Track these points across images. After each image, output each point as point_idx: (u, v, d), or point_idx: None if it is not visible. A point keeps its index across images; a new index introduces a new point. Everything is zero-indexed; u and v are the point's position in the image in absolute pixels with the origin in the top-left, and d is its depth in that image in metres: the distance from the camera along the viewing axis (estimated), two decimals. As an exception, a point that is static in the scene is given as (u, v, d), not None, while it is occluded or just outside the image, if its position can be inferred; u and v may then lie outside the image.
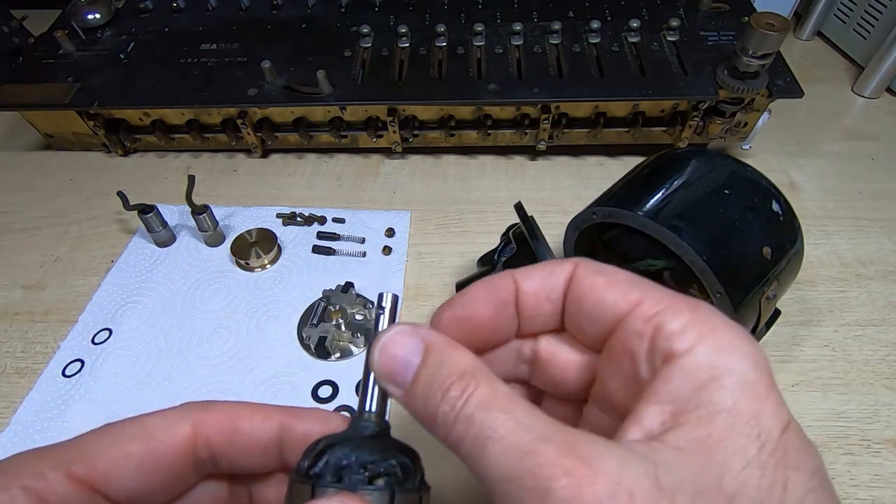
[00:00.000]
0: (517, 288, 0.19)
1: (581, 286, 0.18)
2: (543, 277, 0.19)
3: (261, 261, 0.44)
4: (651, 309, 0.16)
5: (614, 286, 0.18)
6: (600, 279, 0.18)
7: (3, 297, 0.43)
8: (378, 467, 0.16)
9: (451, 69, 0.49)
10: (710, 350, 0.15)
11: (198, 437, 0.18)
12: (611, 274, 0.18)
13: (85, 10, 0.55)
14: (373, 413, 0.18)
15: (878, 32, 0.58)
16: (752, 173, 0.32)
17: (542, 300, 0.19)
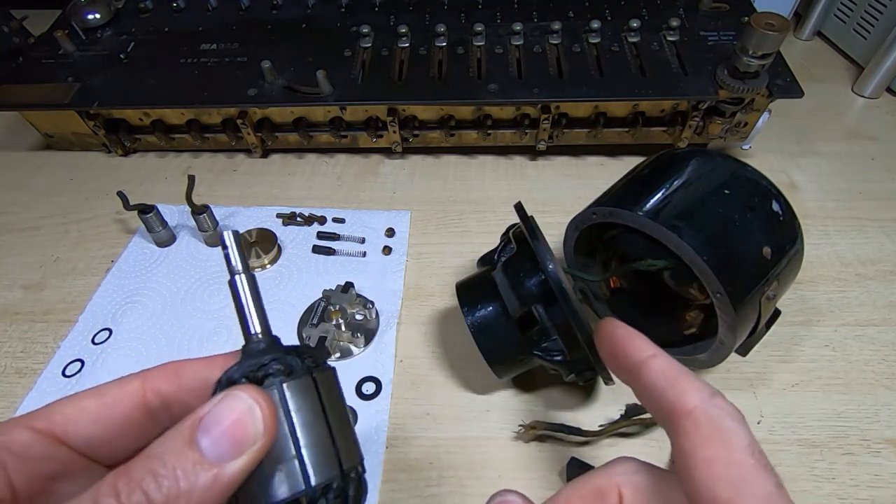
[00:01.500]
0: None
1: None
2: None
3: (261, 261, 0.44)
4: None
5: None
6: None
7: (3, 297, 0.43)
8: (259, 371, 0.17)
9: (451, 69, 0.49)
10: None
11: (147, 389, 0.19)
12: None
13: (85, 10, 0.55)
14: (258, 333, 0.18)
15: (878, 32, 0.58)
16: (752, 173, 0.32)
17: None
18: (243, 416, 0.16)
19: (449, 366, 0.38)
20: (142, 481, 0.14)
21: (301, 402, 0.18)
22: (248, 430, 0.16)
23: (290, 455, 0.17)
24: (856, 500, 0.32)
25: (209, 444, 0.15)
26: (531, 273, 0.31)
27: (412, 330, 0.40)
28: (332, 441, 0.18)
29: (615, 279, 0.40)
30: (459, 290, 0.34)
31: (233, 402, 0.16)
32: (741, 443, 0.17)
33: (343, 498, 0.18)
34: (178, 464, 0.15)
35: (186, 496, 0.15)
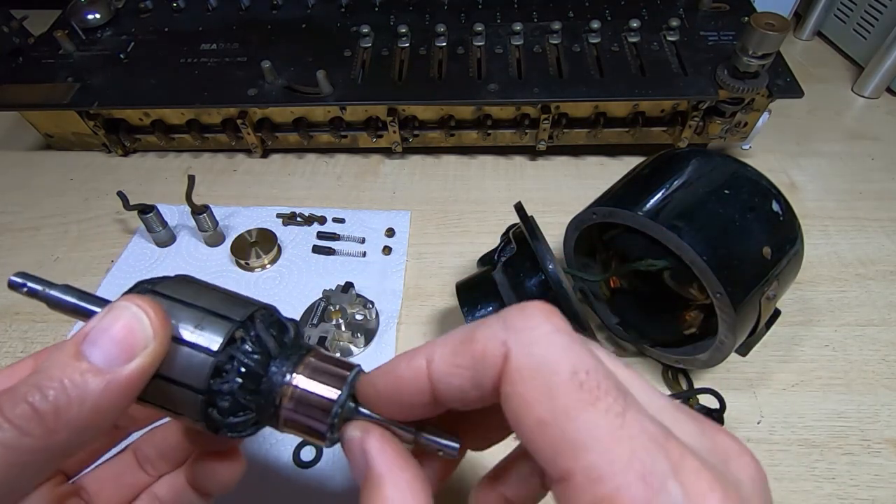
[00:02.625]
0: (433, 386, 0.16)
1: (507, 409, 0.14)
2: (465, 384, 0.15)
3: (261, 261, 0.44)
4: (581, 496, 0.13)
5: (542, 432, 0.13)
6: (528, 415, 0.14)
7: (3, 297, 0.43)
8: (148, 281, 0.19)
9: (451, 69, 0.49)
10: None
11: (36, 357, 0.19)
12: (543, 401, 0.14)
13: (85, 10, 0.55)
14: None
15: (878, 32, 0.58)
16: (752, 173, 0.32)
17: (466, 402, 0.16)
18: (130, 321, 0.16)
19: (449, 366, 0.38)
20: (26, 394, 0.14)
21: (183, 288, 0.19)
22: (138, 335, 0.16)
23: (202, 317, 0.18)
24: (856, 500, 0.32)
25: (98, 352, 0.15)
26: (531, 273, 0.31)
27: (412, 330, 0.40)
28: (234, 296, 0.19)
29: (615, 279, 0.40)
30: (459, 290, 0.34)
31: (118, 312, 0.16)
32: (563, 373, 0.14)
33: (274, 321, 0.19)
34: (65, 374, 0.15)
35: (78, 402, 0.15)
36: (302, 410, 0.18)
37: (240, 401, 0.17)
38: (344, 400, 0.18)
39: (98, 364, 0.15)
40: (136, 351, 0.16)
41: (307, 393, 0.18)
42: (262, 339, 0.18)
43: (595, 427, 0.13)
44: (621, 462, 0.12)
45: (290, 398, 0.18)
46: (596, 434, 0.13)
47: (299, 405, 0.18)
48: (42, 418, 0.14)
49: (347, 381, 0.18)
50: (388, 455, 0.17)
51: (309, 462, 0.33)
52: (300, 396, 0.18)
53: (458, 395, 0.16)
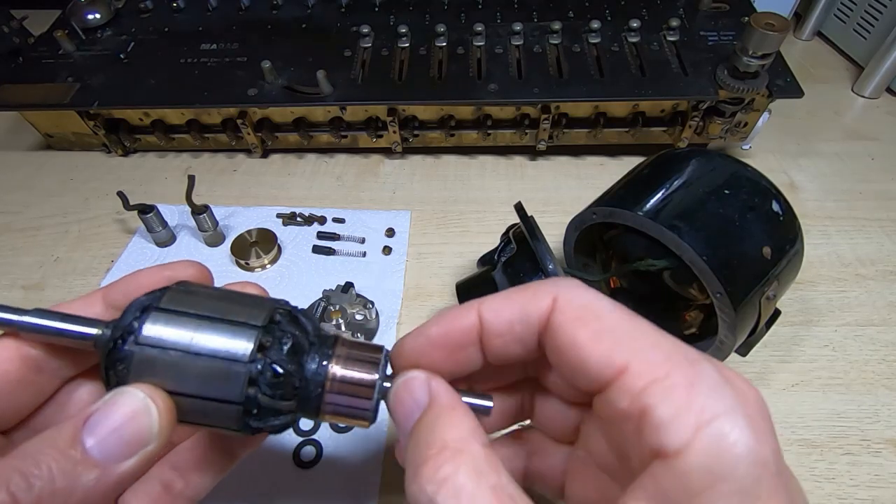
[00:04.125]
0: (482, 325, 0.18)
1: (559, 336, 0.16)
2: (513, 314, 0.17)
3: (261, 261, 0.44)
4: (638, 381, 0.14)
5: (597, 342, 0.15)
6: (582, 332, 0.16)
7: (3, 297, 0.43)
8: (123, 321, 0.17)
9: (451, 69, 0.49)
10: (705, 451, 0.13)
11: (21, 343, 0.18)
12: (594, 322, 0.16)
13: (85, 10, 0.55)
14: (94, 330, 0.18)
15: (878, 32, 0.58)
16: (752, 173, 0.32)
17: (510, 343, 0.17)
18: (138, 414, 0.15)
19: (449, 366, 0.38)
20: (9, 481, 0.13)
21: (189, 299, 0.18)
22: (143, 430, 0.15)
23: (220, 329, 0.17)
24: (856, 500, 0.32)
25: (95, 443, 0.14)
26: (531, 273, 0.31)
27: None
28: (244, 299, 0.19)
29: (615, 279, 0.40)
30: (459, 290, 0.34)
31: (125, 400, 0.15)
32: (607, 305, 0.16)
33: (292, 318, 0.19)
34: (56, 463, 0.14)
35: (65, 494, 0.14)
36: (345, 397, 0.18)
37: (278, 405, 0.17)
38: (384, 377, 0.19)
39: (94, 457, 0.14)
40: (138, 448, 0.15)
41: (347, 380, 0.18)
42: (290, 338, 0.18)
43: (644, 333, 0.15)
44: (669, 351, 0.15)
45: (331, 388, 0.18)
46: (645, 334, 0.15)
47: (341, 393, 0.18)
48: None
49: (381, 359, 0.19)
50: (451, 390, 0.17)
51: (309, 462, 0.33)
52: (341, 385, 0.18)
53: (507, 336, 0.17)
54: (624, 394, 0.14)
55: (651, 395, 0.14)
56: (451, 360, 0.18)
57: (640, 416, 0.14)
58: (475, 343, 0.18)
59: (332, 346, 0.19)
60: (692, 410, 0.13)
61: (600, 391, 0.15)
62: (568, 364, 0.16)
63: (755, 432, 0.13)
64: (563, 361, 0.16)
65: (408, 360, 0.19)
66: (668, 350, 0.15)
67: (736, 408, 0.13)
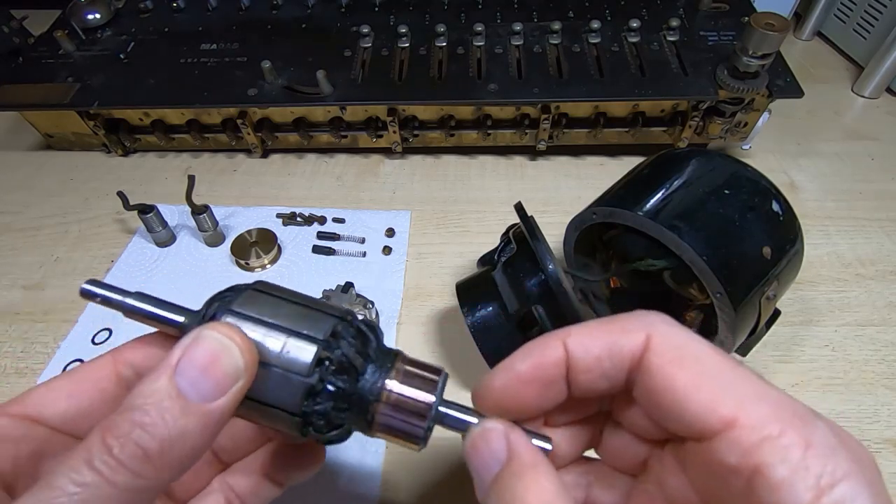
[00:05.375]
0: (569, 359, 0.17)
1: (655, 379, 0.15)
2: (603, 354, 0.16)
3: (261, 261, 0.44)
4: (749, 437, 0.14)
5: (698, 389, 0.15)
6: (681, 376, 0.15)
7: (3, 297, 0.43)
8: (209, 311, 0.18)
9: (451, 69, 0.49)
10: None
11: (117, 362, 0.19)
12: (693, 366, 0.15)
13: (85, 10, 0.55)
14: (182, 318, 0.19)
15: (878, 32, 0.58)
16: (752, 173, 0.32)
17: (597, 379, 0.17)
18: (218, 353, 0.16)
19: (449, 366, 0.38)
20: (131, 433, 0.14)
21: (260, 303, 0.18)
22: (228, 368, 0.16)
23: (285, 338, 0.17)
24: (856, 500, 0.32)
25: (191, 386, 0.15)
26: (531, 273, 0.31)
27: (412, 330, 0.40)
28: (310, 307, 0.19)
29: (615, 279, 0.40)
30: (459, 290, 0.34)
31: (206, 342, 0.16)
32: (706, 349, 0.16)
33: (356, 331, 0.19)
34: (165, 411, 0.15)
35: (181, 440, 0.15)
36: (398, 417, 0.18)
37: (334, 419, 0.18)
38: (438, 403, 0.18)
39: (193, 399, 0.15)
40: (229, 385, 0.16)
41: (403, 399, 0.18)
42: (349, 356, 0.18)
43: (748, 382, 0.15)
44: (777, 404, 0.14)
45: (386, 406, 0.18)
46: (749, 383, 0.15)
47: (395, 412, 0.18)
48: (151, 460, 0.14)
49: (440, 381, 0.19)
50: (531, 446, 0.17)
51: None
52: (396, 403, 0.18)
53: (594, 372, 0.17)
54: (733, 448, 0.14)
55: (765, 453, 0.13)
56: (540, 397, 0.18)
57: (752, 474, 0.13)
58: (563, 378, 0.17)
59: (392, 360, 0.19)
60: (811, 473, 0.13)
61: (699, 439, 0.15)
62: (663, 407, 0.15)
63: (876, 499, 0.13)
64: (656, 404, 0.16)
65: (497, 399, 0.18)
66: (776, 403, 0.14)
67: (856, 473, 0.13)
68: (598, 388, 0.17)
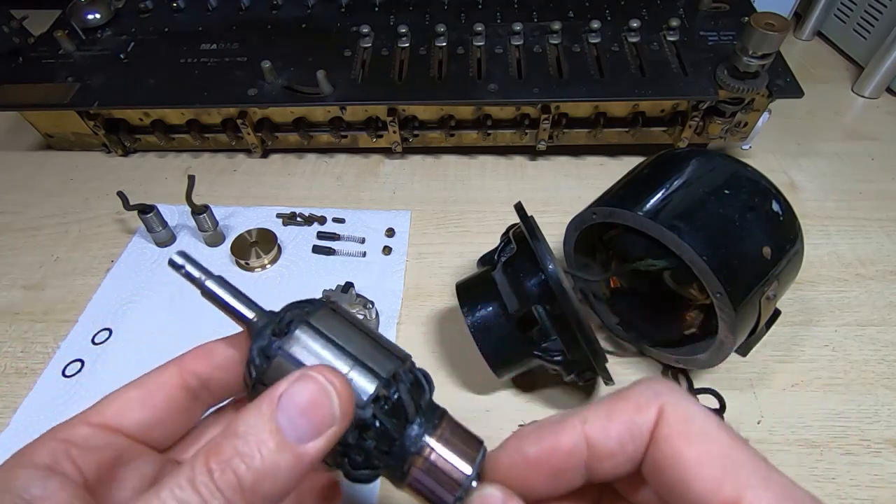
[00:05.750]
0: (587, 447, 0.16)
1: (663, 449, 0.15)
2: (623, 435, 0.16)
3: (261, 261, 0.44)
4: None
5: (704, 465, 0.15)
6: (689, 450, 0.15)
7: (3, 297, 0.43)
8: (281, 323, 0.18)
9: (451, 69, 0.49)
10: None
11: (182, 371, 0.20)
12: (702, 442, 0.15)
13: (85, 10, 0.55)
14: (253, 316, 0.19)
15: (878, 32, 0.58)
16: (752, 173, 0.32)
17: (621, 464, 0.16)
18: (319, 396, 0.16)
19: (449, 366, 0.38)
20: (231, 461, 0.15)
21: (335, 324, 0.19)
22: (325, 412, 0.16)
23: (351, 366, 0.18)
24: (856, 500, 0.32)
25: (290, 425, 0.15)
26: (531, 273, 0.31)
27: (412, 330, 0.40)
28: (378, 342, 0.19)
29: (615, 279, 0.40)
30: (459, 290, 0.34)
31: (308, 383, 0.16)
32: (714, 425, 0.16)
33: (414, 379, 0.19)
34: (262, 444, 0.15)
35: (272, 477, 0.15)
36: (431, 478, 0.18)
37: (373, 459, 0.18)
38: (474, 476, 0.18)
39: (289, 439, 0.15)
40: (323, 429, 0.16)
41: (440, 463, 0.18)
42: (404, 401, 0.18)
43: (755, 464, 0.15)
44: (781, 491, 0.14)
45: (423, 464, 0.18)
46: (756, 466, 0.15)
47: (430, 473, 0.18)
48: (243, 491, 0.14)
49: (478, 456, 0.19)
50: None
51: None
52: (432, 465, 0.18)
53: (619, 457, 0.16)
54: None
55: None
56: (550, 485, 0.17)
57: None
58: (580, 466, 0.17)
59: (439, 419, 0.19)
60: None
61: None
62: (667, 481, 0.15)
63: None
64: (661, 476, 0.16)
65: (501, 479, 0.18)
66: (781, 490, 0.14)
67: None
68: (621, 473, 0.17)
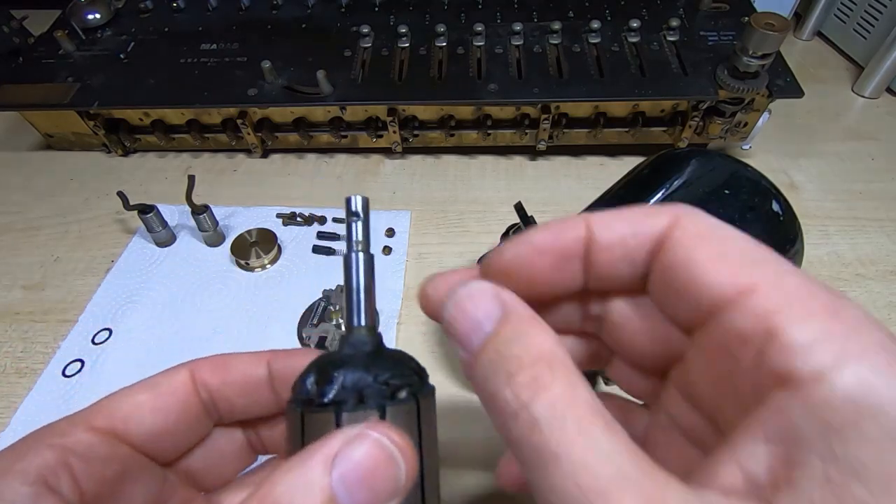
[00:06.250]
0: (590, 237, 0.15)
1: (677, 254, 0.14)
2: (626, 228, 0.15)
3: (261, 261, 0.44)
4: (767, 302, 0.12)
5: (719, 262, 0.13)
6: (702, 250, 0.14)
7: (3, 297, 0.43)
8: (398, 380, 0.15)
9: (451, 69, 0.49)
10: (852, 378, 0.11)
11: (196, 380, 0.19)
12: (718, 243, 0.14)
13: (85, 10, 0.55)
14: (363, 326, 0.16)
15: (878, 32, 0.58)
16: (752, 173, 0.32)
17: (618, 259, 0.15)
18: (384, 464, 0.14)
19: (449, 366, 0.38)
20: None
21: (431, 420, 0.16)
22: (389, 481, 0.14)
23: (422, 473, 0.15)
24: (856, 500, 0.31)
25: (344, 490, 0.13)
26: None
27: (412, 330, 0.40)
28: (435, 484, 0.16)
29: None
30: (459, 290, 0.34)
31: (371, 445, 0.14)
32: (738, 233, 0.15)
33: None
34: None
35: None
36: None
37: None
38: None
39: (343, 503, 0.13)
40: (383, 501, 0.14)
41: None
42: None
43: (776, 259, 0.14)
44: (806, 281, 0.13)
45: None
46: (778, 262, 0.14)
47: None
48: None
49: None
50: (525, 304, 0.15)
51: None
52: None
53: (616, 250, 0.15)
54: (748, 314, 0.12)
55: (784, 317, 0.12)
56: (554, 273, 0.16)
57: (765, 338, 0.12)
58: (580, 255, 0.16)
59: None
60: (836, 336, 0.11)
61: (712, 313, 0.13)
62: (677, 283, 0.14)
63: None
64: (671, 281, 0.14)
65: (505, 265, 0.16)
66: (806, 280, 0.13)
67: (891, 344, 0.12)
68: (617, 273, 0.16)
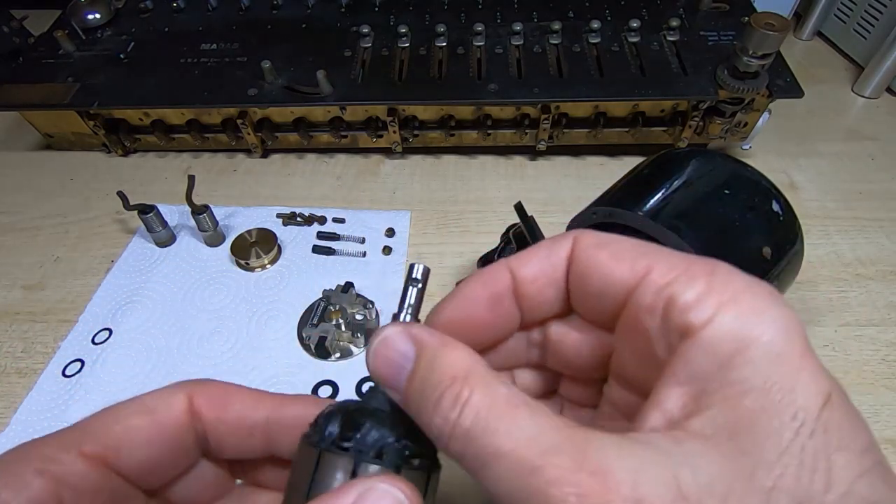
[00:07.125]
0: (514, 277, 0.18)
1: (583, 263, 0.17)
2: (542, 260, 0.17)
3: (261, 261, 0.44)
4: (661, 278, 0.15)
5: (618, 259, 0.16)
6: (603, 253, 0.16)
7: (3, 297, 0.43)
8: (417, 447, 0.16)
9: (451, 69, 0.49)
10: (731, 319, 0.13)
11: (192, 409, 0.18)
12: (614, 245, 0.16)
13: (85, 10, 0.55)
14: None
15: (878, 32, 0.58)
16: (752, 173, 0.32)
17: (543, 286, 0.18)
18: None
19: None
20: None
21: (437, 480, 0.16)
22: None
23: None
24: (856, 500, 0.31)
25: None
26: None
27: (412, 330, 0.40)
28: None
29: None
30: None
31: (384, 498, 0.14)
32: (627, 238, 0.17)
33: None
34: None
35: None
36: None
37: None
38: None
39: None
40: None
41: None
42: None
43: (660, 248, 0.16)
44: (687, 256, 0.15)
45: None
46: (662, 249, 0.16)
47: None
48: None
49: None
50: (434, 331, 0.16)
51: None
52: None
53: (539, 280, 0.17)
54: (648, 291, 0.15)
55: (674, 284, 0.14)
56: (492, 316, 0.18)
57: (665, 306, 0.14)
58: (509, 294, 0.18)
59: None
60: (715, 289, 0.14)
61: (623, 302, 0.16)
62: (592, 286, 0.16)
63: (779, 304, 0.14)
64: (586, 287, 0.17)
65: (448, 320, 0.18)
66: (685, 256, 0.15)
67: (757, 286, 0.14)
68: (546, 299, 0.18)
